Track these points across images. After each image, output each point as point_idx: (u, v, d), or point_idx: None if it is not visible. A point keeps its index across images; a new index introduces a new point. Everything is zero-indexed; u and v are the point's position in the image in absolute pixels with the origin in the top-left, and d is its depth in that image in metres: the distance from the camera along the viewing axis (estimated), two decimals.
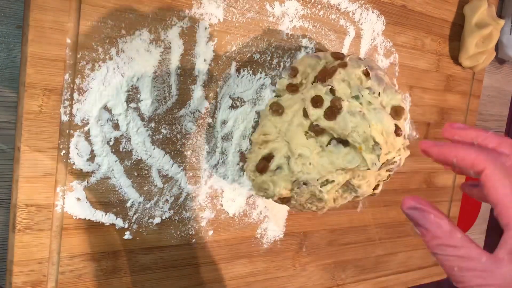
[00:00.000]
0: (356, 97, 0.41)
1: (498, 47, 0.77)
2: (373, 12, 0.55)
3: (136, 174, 0.42)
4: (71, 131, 0.38)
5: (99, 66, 0.38)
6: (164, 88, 0.42)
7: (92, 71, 0.38)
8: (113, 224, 0.41)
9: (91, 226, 0.40)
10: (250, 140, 0.47)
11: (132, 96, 0.40)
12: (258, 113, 0.48)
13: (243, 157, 0.47)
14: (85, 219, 0.39)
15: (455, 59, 0.65)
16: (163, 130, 0.43)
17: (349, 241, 0.59)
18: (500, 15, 0.77)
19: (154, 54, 0.41)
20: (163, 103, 0.42)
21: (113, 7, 0.38)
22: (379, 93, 0.42)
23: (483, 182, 0.28)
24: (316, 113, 0.41)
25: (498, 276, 0.26)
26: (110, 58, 0.39)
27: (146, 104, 0.41)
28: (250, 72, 0.47)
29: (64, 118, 0.37)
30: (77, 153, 0.38)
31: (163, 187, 0.43)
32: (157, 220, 0.43)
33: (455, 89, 0.66)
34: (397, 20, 0.57)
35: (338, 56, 0.45)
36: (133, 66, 0.40)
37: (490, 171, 0.27)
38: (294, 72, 0.45)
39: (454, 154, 0.29)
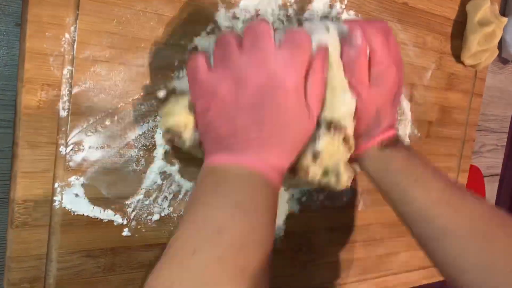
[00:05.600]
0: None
1: (501, 46, 0.77)
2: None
3: None
4: (69, 126, 0.38)
5: (98, 61, 0.38)
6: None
7: (91, 66, 0.38)
8: (112, 221, 0.41)
9: (89, 223, 0.39)
10: None
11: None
12: None
13: None
14: (83, 215, 0.39)
15: (457, 57, 0.65)
16: None
17: (350, 240, 0.59)
18: (503, 13, 0.77)
19: None
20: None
21: (112, 2, 0.38)
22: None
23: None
24: None
25: None
26: (110, 53, 0.39)
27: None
28: None
29: (63, 113, 0.37)
30: (76, 149, 0.38)
31: (162, 183, 0.43)
32: (156, 217, 0.43)
33: (457, 87, 0.66)
34: (398, 17, 0.57)
35: None
36: None
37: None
38: None
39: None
